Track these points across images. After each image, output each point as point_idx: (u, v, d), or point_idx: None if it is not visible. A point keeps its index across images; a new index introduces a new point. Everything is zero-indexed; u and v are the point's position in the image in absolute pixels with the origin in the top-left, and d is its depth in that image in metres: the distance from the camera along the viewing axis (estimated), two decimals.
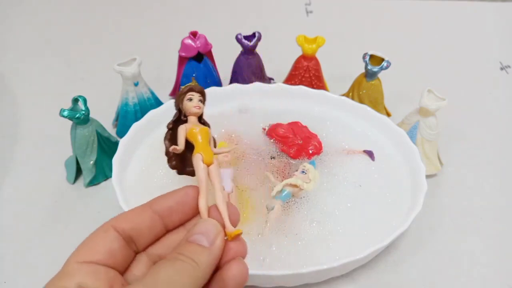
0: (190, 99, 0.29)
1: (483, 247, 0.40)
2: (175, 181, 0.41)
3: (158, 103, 0.50)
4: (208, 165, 0.27)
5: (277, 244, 0.36)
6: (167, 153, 0.28)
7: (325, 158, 0.43)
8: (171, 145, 0.27)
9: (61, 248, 0.39)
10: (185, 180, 0.41)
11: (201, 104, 0.29)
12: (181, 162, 0.29)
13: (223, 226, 0.24)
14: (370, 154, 0.43)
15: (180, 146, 0.27)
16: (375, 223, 0.38)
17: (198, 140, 0.27)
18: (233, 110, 0.48)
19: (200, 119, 0.30)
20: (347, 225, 0.37)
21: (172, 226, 0.25)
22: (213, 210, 0.25)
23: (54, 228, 0.41)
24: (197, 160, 0.27)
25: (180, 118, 0.29)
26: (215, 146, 0.30)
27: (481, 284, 0.38)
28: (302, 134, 0.44)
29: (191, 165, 0.27)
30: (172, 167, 0.28)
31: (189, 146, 0.28)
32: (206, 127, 0.29)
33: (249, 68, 0.51)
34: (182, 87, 0.29)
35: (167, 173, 0.42)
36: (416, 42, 0.69)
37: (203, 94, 0.30)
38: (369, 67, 0.48)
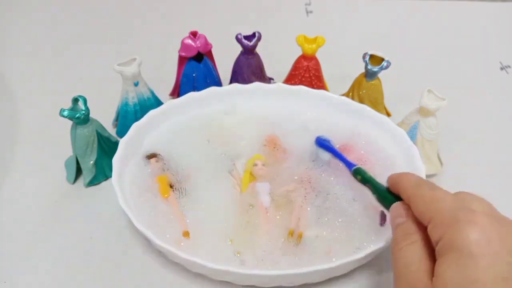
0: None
1: None
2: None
3: (158, 103, 0.50)
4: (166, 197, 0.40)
5: (278, 243, 0.36)
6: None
7: None
8: None
9: (61, 248, 0.40)
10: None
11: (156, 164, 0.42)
12: None
13: None
14: (382, 217, 0.39)
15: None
16: (375, 223, 0.38)
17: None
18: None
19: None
20: (346, 224, 0.37)
21: None
22: None
23: (54, 228, 0.41)
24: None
25: None
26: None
27: None
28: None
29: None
30: None
31: None
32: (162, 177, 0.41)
33: (249, 68, 0.51)
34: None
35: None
36: (416, 42, 0.69)
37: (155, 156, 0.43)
38: (369, 67, 0.48)
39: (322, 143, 0.44)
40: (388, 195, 0.33)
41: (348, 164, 0.40)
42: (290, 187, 0.41)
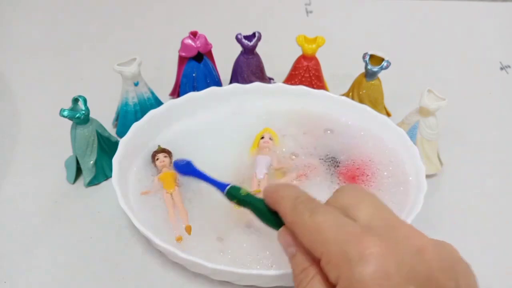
0: (157, 159, 0.42)
1: (483, 247, 0.40)
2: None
3: (158, 103, 0.50)
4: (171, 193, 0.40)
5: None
6: None
7: None
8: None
9: (61, 248, 0.40)
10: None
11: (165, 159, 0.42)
12: None
13: None
14: None
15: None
16: None
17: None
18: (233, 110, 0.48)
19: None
20: None
21: None
22: None
23: (54, 228, 0.41)
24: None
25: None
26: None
27: (481, 284, 0.37)
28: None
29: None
30: None
31: None
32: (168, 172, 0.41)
33: (249, 68, 0.51)
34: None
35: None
36: (416, 42, 0.69)
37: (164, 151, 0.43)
38: (369, 67, 0.48)
39: (181, 169, 0.38)
40: (271, 217, 0.28)
41: (219, 186, 0.33)
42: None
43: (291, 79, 0.52)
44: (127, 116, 0.48)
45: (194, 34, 0.49)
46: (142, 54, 0.47)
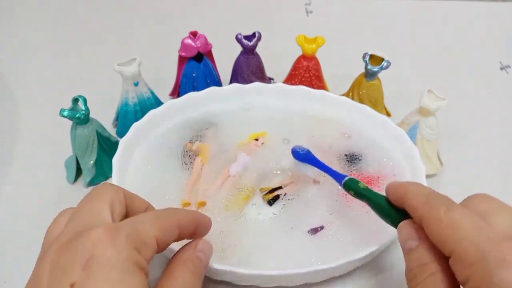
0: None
1: None
2: (174, 181, 0.41)
3: (158, 103, 0.50)
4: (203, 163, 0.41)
5: (275, 242, 0.36)
6: None
7: None
8: None
9: None
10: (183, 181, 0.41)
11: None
12: None
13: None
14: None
15: None
16: (375, 223, 0.37)
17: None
18: (232, 110, 0.48)
19: None
20: (347, 225, 0.37)
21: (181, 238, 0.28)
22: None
23: None
24: None
25: None
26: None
27: None
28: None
29: None
30: None
31: None
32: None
33: (249, 68, 0.51)
34: None
35: (167, 173, 0.42)
36: (416, 42, 0.69)
37: None
38: (369, 67, 0.48)
39: (300, 156, 0.38)
40: (391, 211, 0.28)
41: (337, 177, 0.35)
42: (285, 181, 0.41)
43: (291, 79, 0.52)
44: (127, 116, 0.48)
45: (194, 34, 0.49)
46: (142, 54, 0.47)
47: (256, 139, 0.44)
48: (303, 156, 0.39)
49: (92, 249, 0.22)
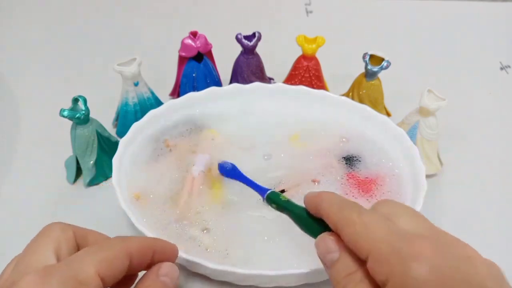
0: None
1: (483, 247, 0.40)
2: (174, 180, 0.41)
3: (158, 103, 0.50)
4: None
5: (275, 242, 0.36)
6: None
7: None
8: None
9: None
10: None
11: None
12: None
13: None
14: None
15: None
16: None
17: None
18: (233, 110, 0.48)
19: None
20: None
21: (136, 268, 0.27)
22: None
23: None
24: None
25: None
26: None
27: None
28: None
29: None
30: None
31: None
32: None
33: (249, 68, 0.51)
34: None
35: (166, 173, 0.42)
36: (416, 42, 0.69)
37: None
38: (369, 67, 0.48)
39: (225, 170, 0.41)
40: (310, 222, 0.28)
41: (260, 190, 0.36)
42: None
43: (291, 79, 0.52)
44: (127, 116, 0.48)
45: (194, 34, 0.49)
46: (142, 54, 0.47)
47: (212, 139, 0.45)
48: (229, 171, 0.40)
49: None
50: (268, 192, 0.34)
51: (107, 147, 0.44)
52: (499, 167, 0.48)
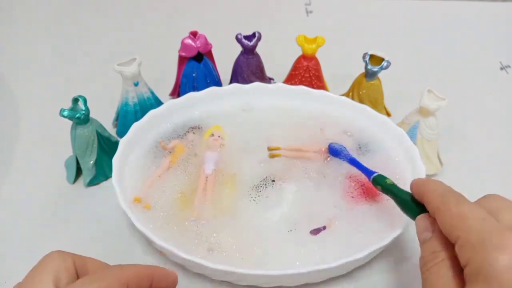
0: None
1: None
2: (174, 180, 0.41)
3: (158, 103, 0.50)
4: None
5: (275, 242, 0.36)
6: None
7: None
8: None
9: (61, 248, 0.39)
10: (184, 181, 0.41)
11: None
12: None
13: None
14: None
15: None
16: (375, 223, 0.38)
17: None
18: (233, 110, 0.48)
19: None
20: (347, 224, 0.37)
21: None
22: None
23: (54, 228, 0.41)
24: None
25: None
26: None
27: None
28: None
29: None
30: None
31: None
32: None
33: (249, 68, 0.51)
34: None
35: (166, 173, 0.42)
36: (416, 42, 0.69)
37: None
38: (369, 67, 0.48)
39: (336, 152, 0.43)
40: (412, 205, 0.31)
41: (367, 172, 0.38)
42: None
43: (291, 79, 0.52)
44: (127, 116, 0.48)
45: (194, 34, 0.49)
46: (142, 54, 0.47)
47: (211, 135, 0.45)
48: (337, 151, 0.43)
49: None
50: (375, 174, 0.37)
51: (107, 147, 0.44)
52: (499, 167, 0.48)
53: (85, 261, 0.28)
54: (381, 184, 0.35)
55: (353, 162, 0.41)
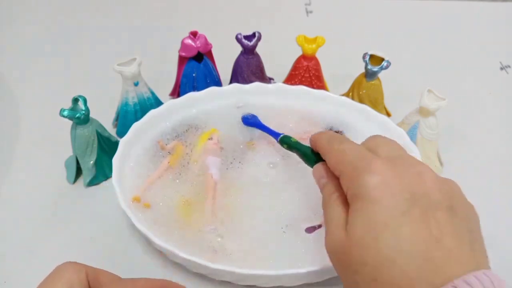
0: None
1: None
2: (174, 180, 0.41)
3: (158, 103, 0.50)
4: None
5: (274, 242, 0.36)
6: None
7: None
8: None
9: (61, 248, 0.40)
10: (185, 182, 0.41)
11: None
12: None
13: None
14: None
15: None
16: None
17: None
18: (233, 110, 0.48)
19: None
20: None
21: None
22: None
23: (54, 228, 0.41)
24: None
25: None
26: None
27: None
28: None
29: None
30: None
31: None
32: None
33: (249, 68, 0.51)
34: None
35: (166, 173, 0.42)
36: (416, 42, 0.69)
37: None
38: (369, 67, 0.48)
39: (248, 121, 0.46)
40: (311, 156, 0.34)
41: (274, 134, 0.42)
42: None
43: (291, 79, 0.52)
44: (127, 116, 0.48)
45: (194, 34, 0.49)
46: (142, 54, 0.47)
47: (210, 138, 0.44)
48: (250, 121, 0.46)
49: None
50: (281, 135, 0.40)
51: (107, 147, 0.44)
52: (499, 167, 0.48)
53: (98, 274, 0.28)
54: (287, 143, 0.38)
55: (262, 127, 0.44)
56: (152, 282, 0.29)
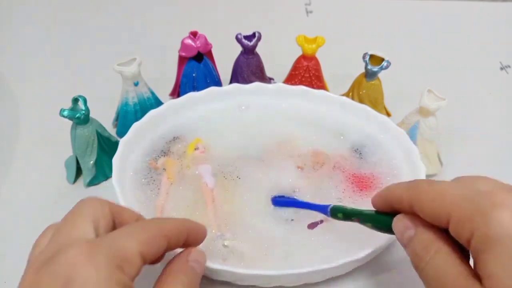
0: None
1: None
2: (174, 181, 0.41)
3: (158, 103, 0.50)
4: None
5: (275, 241, 0.36)
6: None
7: None
8: None
9: None
10: (184, 182, 0.41)
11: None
12: None
13: None
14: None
15: None
16: None
17: None
18: (233, 110, 0.48)
19: None
20: (347, 224, 0.37)
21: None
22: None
23: None
24: None
25: None
26: None
27: None
28: None
29: None
30: None
31: None
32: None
33: (249, 68, 0.51)
34: None
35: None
36: (416, 42, 0.69)
37: None
38: (369, 67, 0.48)
39: (280, 202, 0.39)
40: (382, 217, 0.30)
41: (320, 208, 0.36)
42: None
43: (291, 79, 0.52)
44: (127, 116, 0.48)
45: (194, 34, 0.50)
46: (142, 54, 0.47)
47: (196, 149, 0.44)
48: (281, 202, 0.39)
49: (70, 270, 0.21)
50: (330, 206, 0.34)
51: (107, 147, 0.44)
52: (499, 167, 0.48)
53: (121, 210, 0.28)
54: (342, 212, 0.33)
55: (300, 204, 0.38)
56: (180, 222, 0.28)
